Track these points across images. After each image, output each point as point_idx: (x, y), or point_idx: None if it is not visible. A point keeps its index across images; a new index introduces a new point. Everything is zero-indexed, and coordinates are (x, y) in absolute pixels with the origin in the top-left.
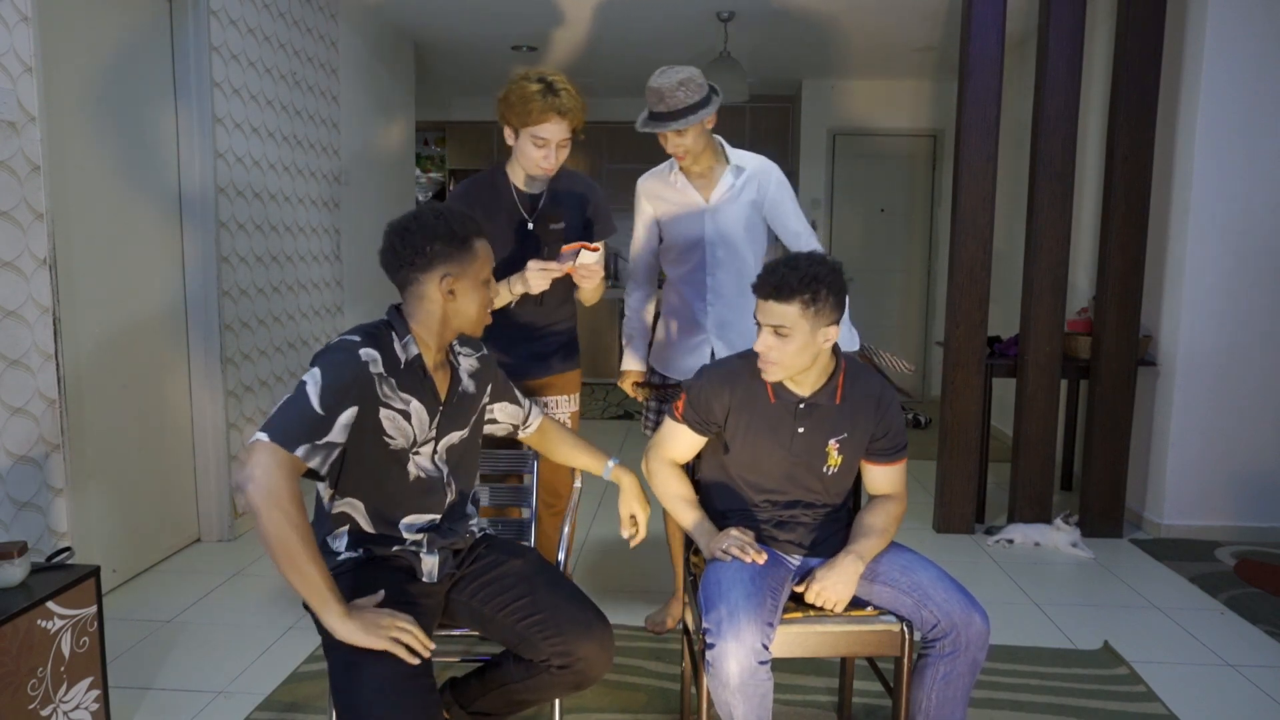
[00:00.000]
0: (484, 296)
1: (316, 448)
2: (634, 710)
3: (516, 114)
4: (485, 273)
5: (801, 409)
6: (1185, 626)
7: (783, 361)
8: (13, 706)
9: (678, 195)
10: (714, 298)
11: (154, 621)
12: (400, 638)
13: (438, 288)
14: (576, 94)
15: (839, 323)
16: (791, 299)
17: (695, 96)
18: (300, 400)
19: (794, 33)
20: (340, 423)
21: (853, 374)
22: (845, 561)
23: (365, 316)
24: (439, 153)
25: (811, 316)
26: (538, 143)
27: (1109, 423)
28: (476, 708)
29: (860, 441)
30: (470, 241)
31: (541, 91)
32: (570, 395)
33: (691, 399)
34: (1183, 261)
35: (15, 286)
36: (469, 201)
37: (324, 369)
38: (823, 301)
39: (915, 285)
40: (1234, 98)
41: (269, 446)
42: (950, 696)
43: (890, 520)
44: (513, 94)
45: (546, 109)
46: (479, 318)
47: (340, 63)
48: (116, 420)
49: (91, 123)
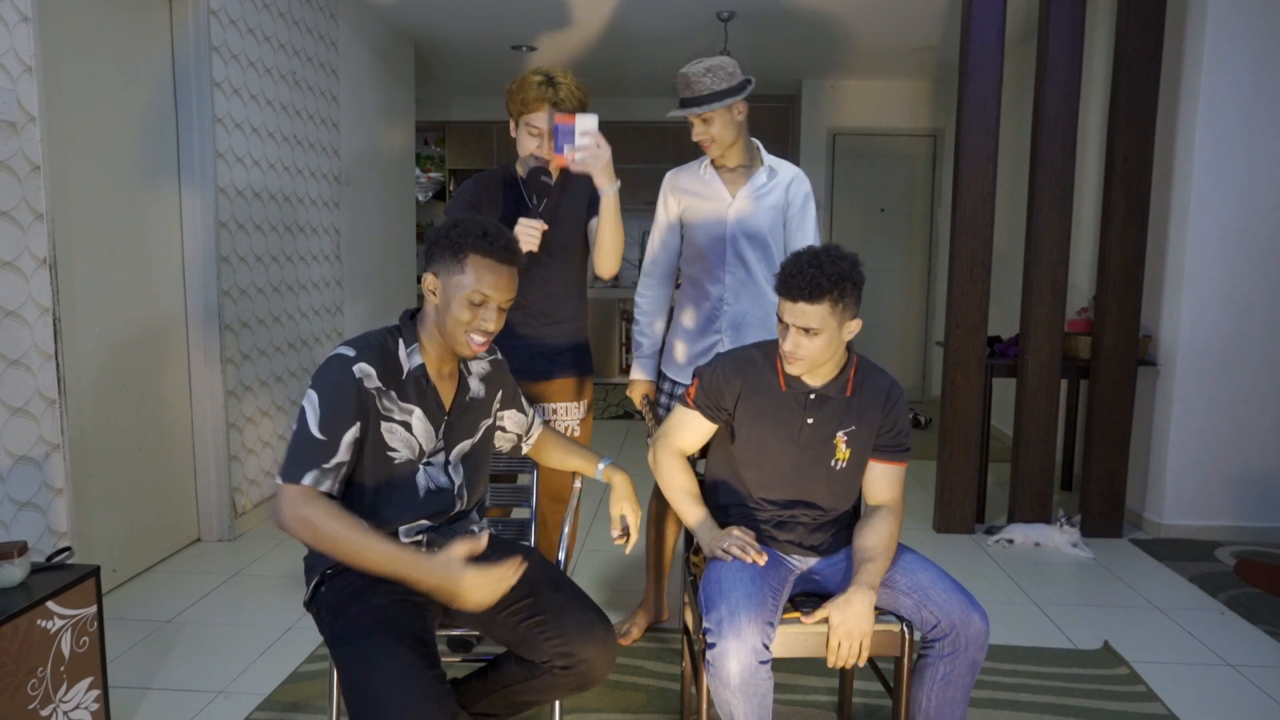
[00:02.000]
0: (465, 315)
1: (325, 471)
2: (634, 710)
3: (515, 102)
4: (474, 294)
5: (812, 400)
6: (1185, 626)
7: (810, 357)
8: (13, 706)
9: (705, 188)
10: (731, 297)
11: (154, 621)
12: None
13: (427, 285)
14: (578, 89)
15: (859, 317)
16: (821, 299)
17: (722, 84)
18: (302, 431)
19: (794, 33)
20: (345, 443)
21: (864, 368)
22: (858, 597)
23: (365, 316)
24: (439, 153)
25: (839, 313)
26: (532, 131)
27: (1109, 423)
28: (479, 708)
29: (868, 436)
30: (463, 255)
31: (541, 83)
32: (581, 402)
33: (704, 384)
34: (1183, 261)
35: (15, 287)
36: (475, 192)
37: (320, 393)
38: (849, 297)
39: (915, 285)
40: (1234, 98)
41: (283, 489)
42: (950, 697)
43: (890, 540)
44: (515, 84)
45: (540, 98)
46: (454, 334)
47: (340, 63)
48: (116, 420)
49: (91, 123)
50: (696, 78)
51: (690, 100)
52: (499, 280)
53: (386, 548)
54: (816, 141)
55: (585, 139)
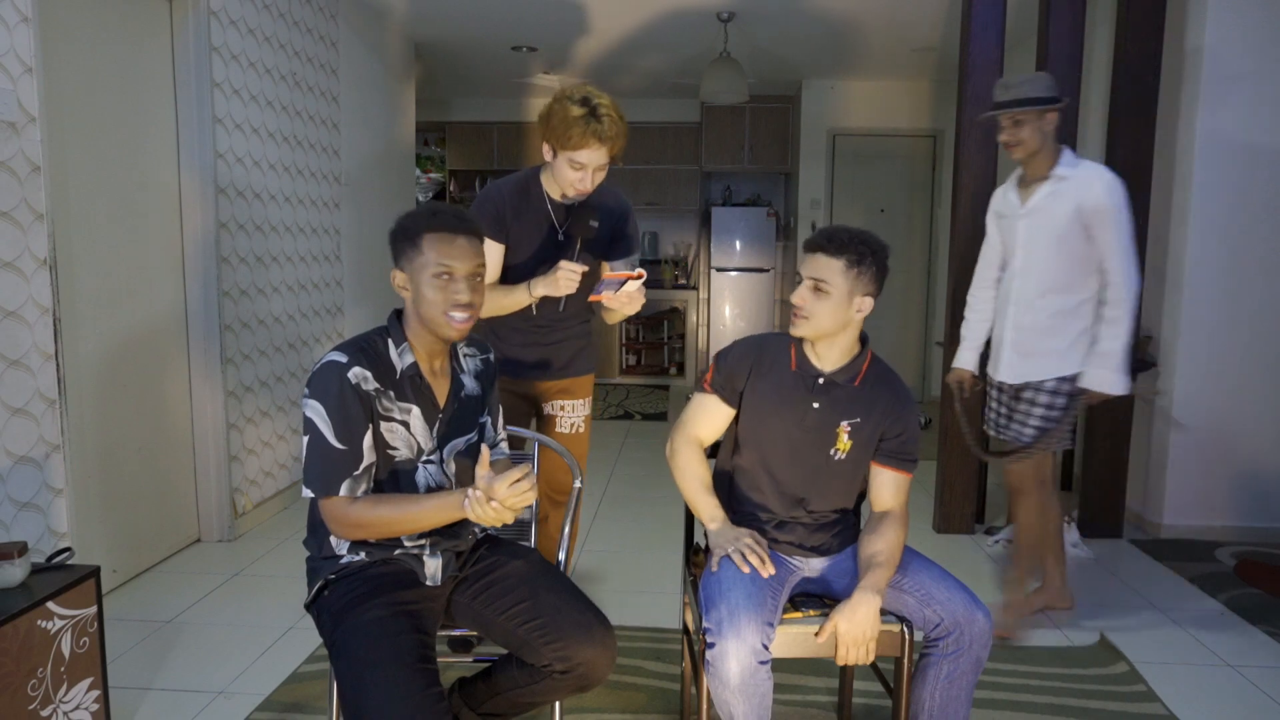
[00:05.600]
0: (435, 295)
1: (357, 479)
2: (634, 710)
3: (557, 136)
4: (436, 268)
5: (820, 384)
6: (1185, 626)
7: (815, 317)
8: (13, 707)
9: (1006, 205)
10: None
11: (154, 621)
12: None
13: (398, 282)
14: (620, 118)
15: (875, 296)
16: (840, 254)
17: (1038, 92)
18: (320, 443)
19: (794, 33)
20: (366, 445)
21: (879, 365)
22: (864, 603)
23: (365, 316)
24: (439, 153)
25: (853, 278)
26: (575, 166)
27: (1109, 423)
28: (485, 709)
29: (872, 433)
30: (418, 238)
31: (584, 117)
32: (584, 399)
33: (720, 365)
34: (1182, 261)
35: (15, 287)
36: (500, 203)
37: (324, 402)
38: (866, 267)
39: (915, 285)
40: (1234, 98)
41: (321, 503)
42: (954, 695)
43: (896, 547)
44: (555, 115)
45: (587, 135)
46: (434, 319)
47: (340, 63)
48: (116, 420)
49: (91, 123)
50: (1016, 84)
51: (1003, 103)
52: (455, 249)
53: (430, 509)
54: (816, 142)
55: (634, 289)
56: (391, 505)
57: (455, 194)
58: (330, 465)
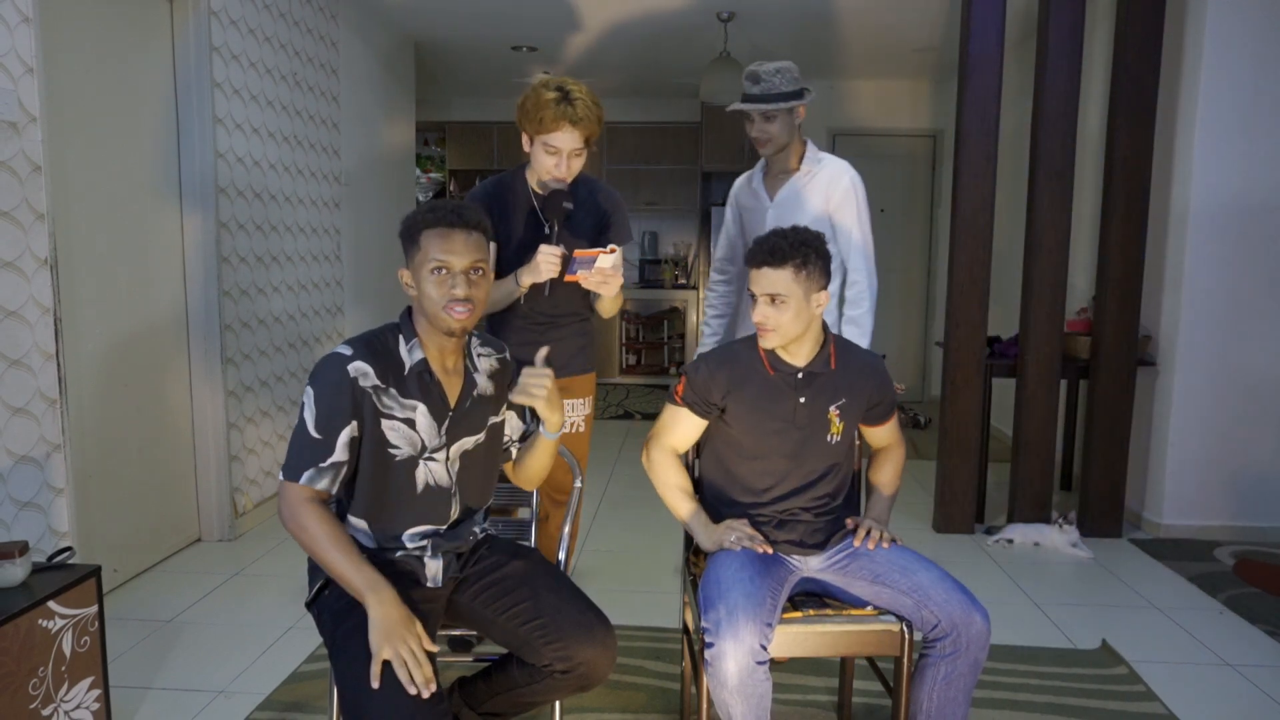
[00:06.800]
0: (434, 290)
1: (321, 470)
2: (634, 710)
3: (530, 121)
4: (432, 263)
5: (800, 379)
6: (1185, 626)
7: (780, 328)
8: (13, 706)
9: (750, 197)
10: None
11: (154, 621)
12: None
13: (404, 280)
14: (594, 103)
15: (828, 289)
16: (784, 264)
17: (789, 86)
18: (301, 429)
19: (794, 33)
20: (340, 442)
21: (843, 344)
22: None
23: (365, 316)
24: (439, 153)
25: (804, 280)
26: (549, 150)
27: (1109, 423)
28: (486, 709)
29: (858, 408)
30: (417, 234)
31: (556, 100)
32: (585, 398)
33: (691, 381)
34: (1182, 261)
35: (16, 287)
36: (487, 201)
37: (317, 391)
38: (813, 266)
39: (915, 285)
40: (1234, 98)
41: (283, 485)
42: (952, 696)
43: (899, 468)
44: (529, 100)
45: (559, 117)
46: (435, 314)
47: (340, 63)
48: (117, 420)
49: (91, 123)
50: (766, 76)
51: (756, 97)
52: (451, 244)
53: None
54: (816, 142)
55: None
56: (334, 539)
57: (455, 194)
58: (301, 450)
